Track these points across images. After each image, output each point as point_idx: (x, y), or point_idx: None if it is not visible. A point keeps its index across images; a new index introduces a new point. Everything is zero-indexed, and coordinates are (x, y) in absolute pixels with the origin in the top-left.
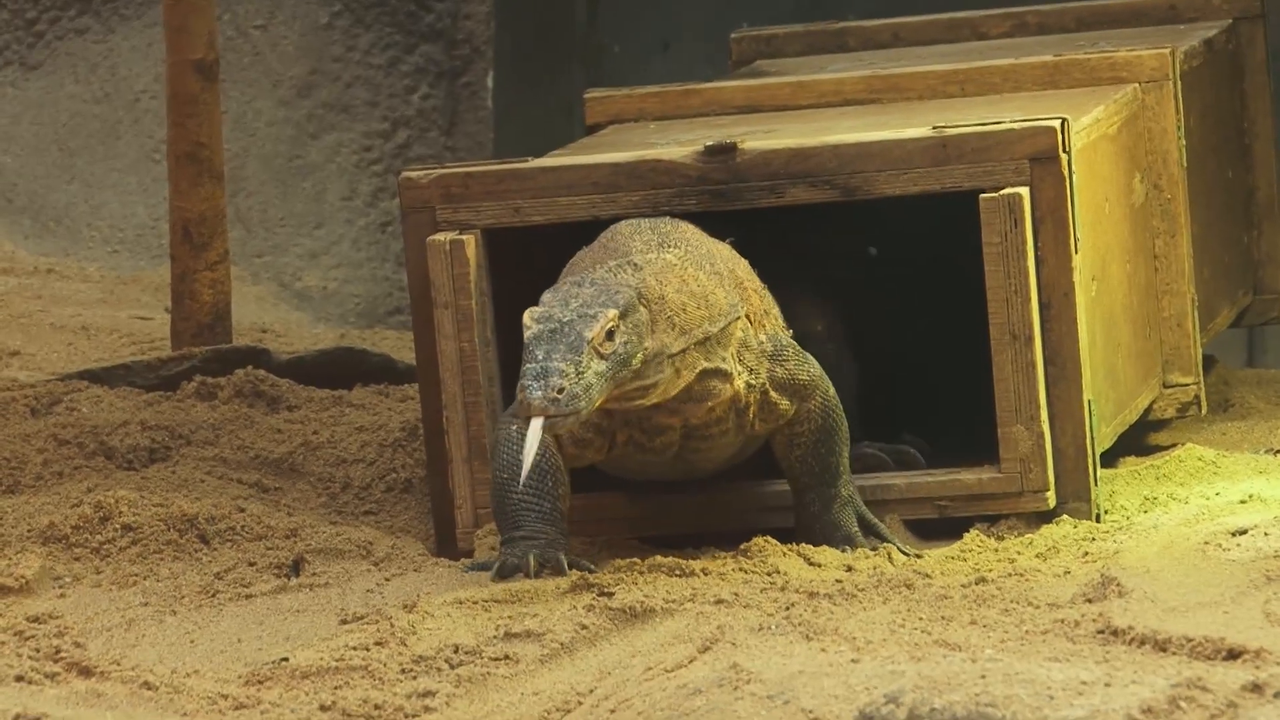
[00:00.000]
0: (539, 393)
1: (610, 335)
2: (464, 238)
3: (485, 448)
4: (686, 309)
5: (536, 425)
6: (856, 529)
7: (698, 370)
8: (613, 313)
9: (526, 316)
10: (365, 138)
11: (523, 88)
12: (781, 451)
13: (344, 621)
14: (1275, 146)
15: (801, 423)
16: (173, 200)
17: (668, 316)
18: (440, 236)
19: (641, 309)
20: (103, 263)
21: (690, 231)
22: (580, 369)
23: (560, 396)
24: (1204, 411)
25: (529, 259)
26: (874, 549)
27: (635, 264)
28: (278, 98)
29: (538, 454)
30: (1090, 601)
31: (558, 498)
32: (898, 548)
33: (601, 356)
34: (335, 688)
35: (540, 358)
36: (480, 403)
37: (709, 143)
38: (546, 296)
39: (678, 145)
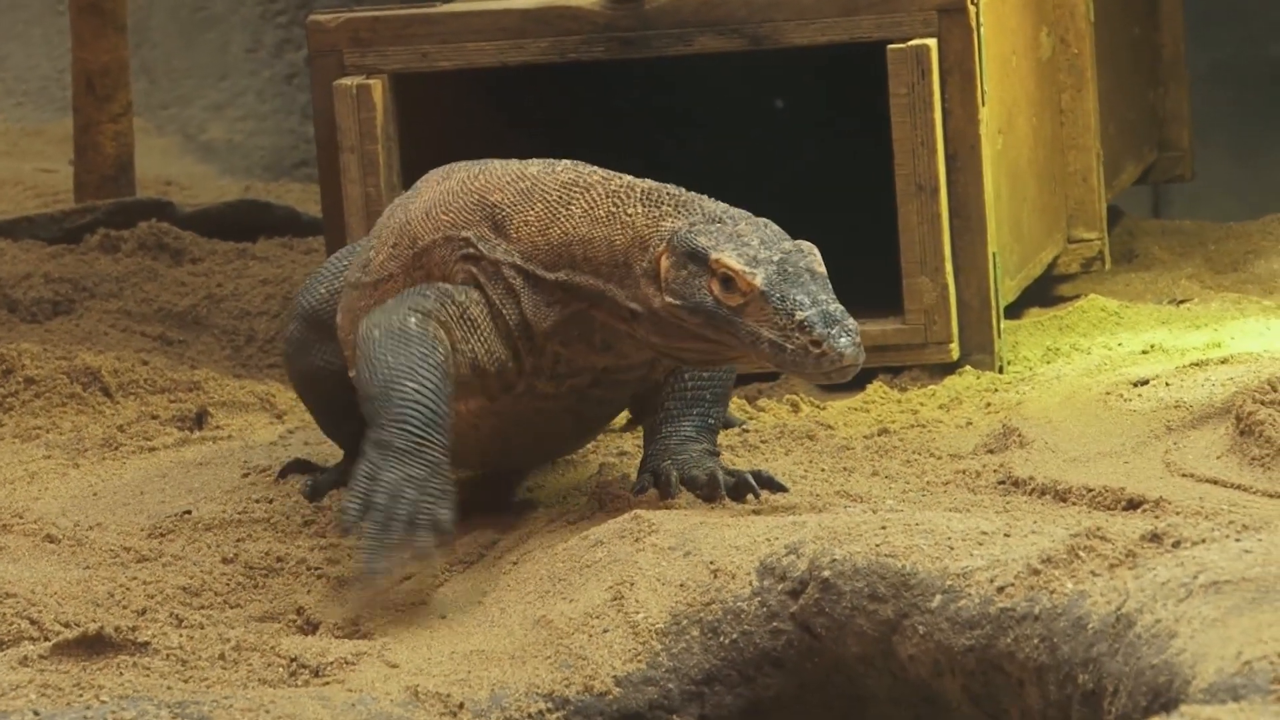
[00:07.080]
0: (849, 340)
1: None
2: (371, 82)
3: None
4: None
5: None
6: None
7: None
8: (809, 245)
9: (736, 262)
10: None
11: None
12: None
13: (246, 474)
14: (1182, 4)
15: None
16: (75, 52)
17: None
18: (347, 81)
19: None
20: (6, 115)
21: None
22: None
23: (860, 340)
24: (1108, 267)
25: (438, 106)
26: (736, 490)
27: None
28: None
29: (444, 359)
30: (992, 452)
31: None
32: (754, 489)
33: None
34: (238, 540)
35: (825, 300)
36: None
37: None
38: (718, 240)
39: None
